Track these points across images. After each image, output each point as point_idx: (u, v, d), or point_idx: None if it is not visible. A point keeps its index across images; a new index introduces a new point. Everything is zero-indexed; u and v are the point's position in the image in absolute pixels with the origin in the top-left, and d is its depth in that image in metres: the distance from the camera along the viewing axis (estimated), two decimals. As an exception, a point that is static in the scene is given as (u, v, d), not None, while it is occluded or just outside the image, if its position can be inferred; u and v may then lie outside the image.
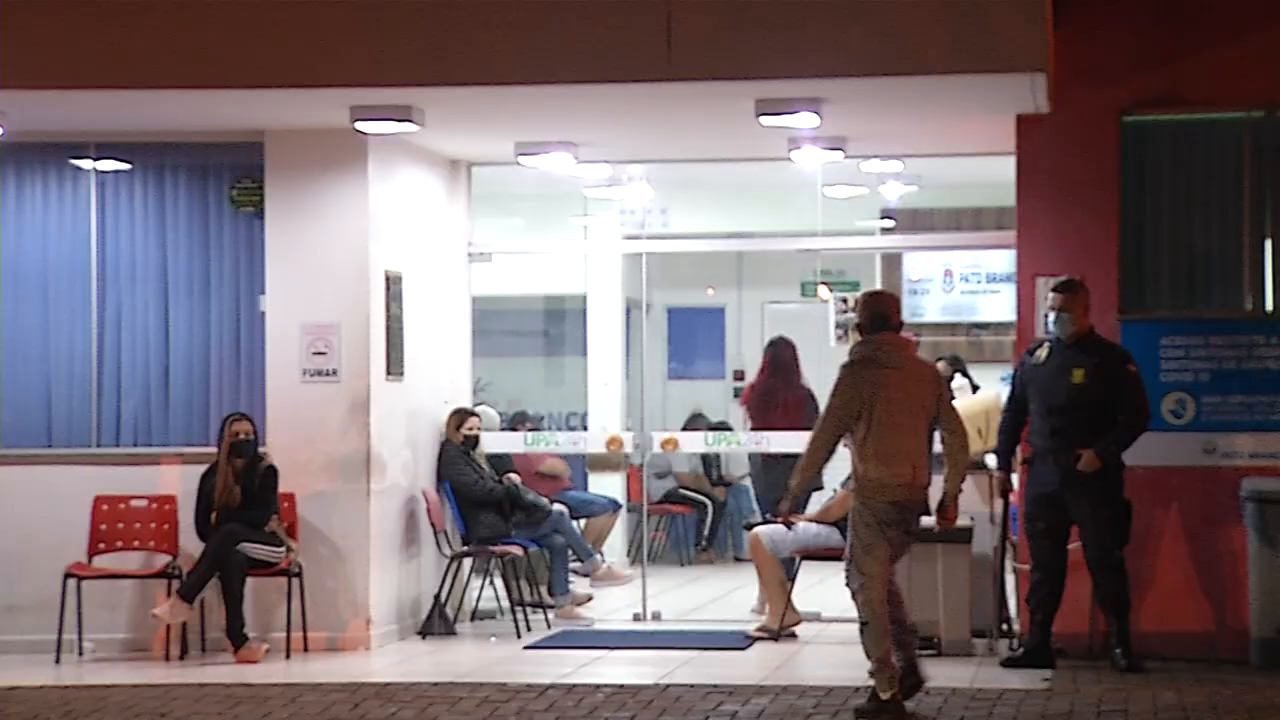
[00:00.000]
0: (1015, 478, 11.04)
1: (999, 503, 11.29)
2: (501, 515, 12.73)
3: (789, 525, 9.34)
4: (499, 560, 12.69)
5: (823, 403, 9.42)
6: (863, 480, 9.00)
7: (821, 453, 9.12)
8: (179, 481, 11.70)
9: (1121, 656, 10.49)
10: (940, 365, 14.95)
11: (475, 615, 13.15)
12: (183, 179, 12.11)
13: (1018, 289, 11.54)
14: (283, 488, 11.57)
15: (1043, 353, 10.75)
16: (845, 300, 13.54)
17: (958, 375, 14.04)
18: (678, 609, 13.21)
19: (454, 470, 12.56)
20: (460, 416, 12.73)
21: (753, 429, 13.47)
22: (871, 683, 8.98)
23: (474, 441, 12.75)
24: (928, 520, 9.29)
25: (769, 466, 13.45)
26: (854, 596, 9.03)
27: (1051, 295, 10.71)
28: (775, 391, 13.79)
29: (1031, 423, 10.76)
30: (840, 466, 12.65)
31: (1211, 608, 11.05)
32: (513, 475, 13.07)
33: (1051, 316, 10.70)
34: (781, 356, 13.92)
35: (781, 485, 13.12)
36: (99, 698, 9.85)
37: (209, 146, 11.96)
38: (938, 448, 9.15)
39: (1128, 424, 10.56)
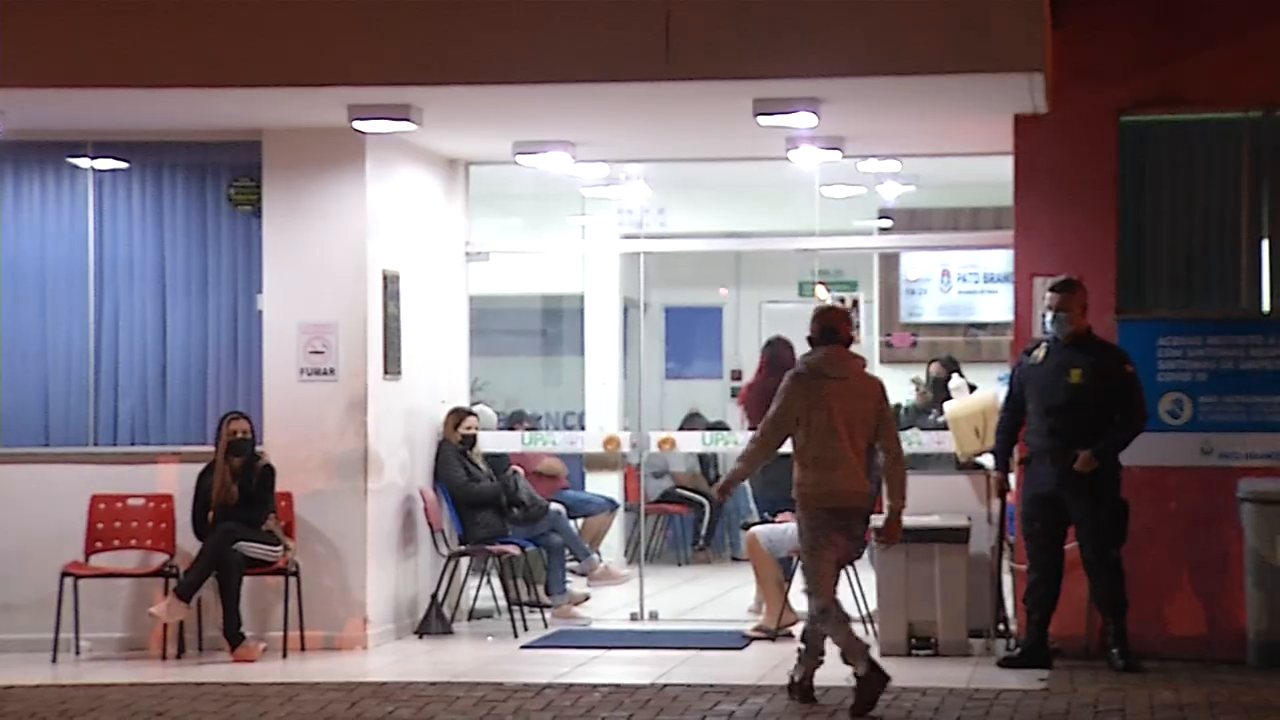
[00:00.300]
0: (1013, 478, 11.04)
1: (996, 503, 11.29)
2: (499, 514, 12.73)
3: (722, 500, 9.62)
4: (496, 560, 12.69)
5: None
6: (801, 487, 9.34)
7: (760, 456, 9.53)
8: (176, 480, 11.70)
9: (1119, 656, 10.49)
10: (935, 366, 15.00)
11: (472, 615, 13.15)
12: (181, 178, 12.11)
13: (1015, 289, 11.54)
14: (280, 487, 11.57)
15: (1040, 352, 10.75)
16: (843, 300, 13.54)
17: (954, 376, 14.03)
18: (675, 609, 13.20)
19: (448, 470, 12.56)
20: (458, 416, 12.73)
21: (750, 428, 13.46)
22: (855, 676, 9.17)
23: (471, 441, 12.75)
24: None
25: (766, 466, 13.43)
26: (807, 597, 9.37)
27: (1049, 295, 10.71)
28: (773, 391, 13.77)
29: (1029, 422, 10.76)
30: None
31: (1208, 608, 11.05)
32: (516, 468, 13.08)
33: (1049, 316, 10.71)
34: (780, 356, 13.90)
35: (780, 485, 13.16)
36: (96, 696, 9.85)
37: (207, 145, 11.96)
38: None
39: (1125, 424, 10.56)
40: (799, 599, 12.14)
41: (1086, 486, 10.49)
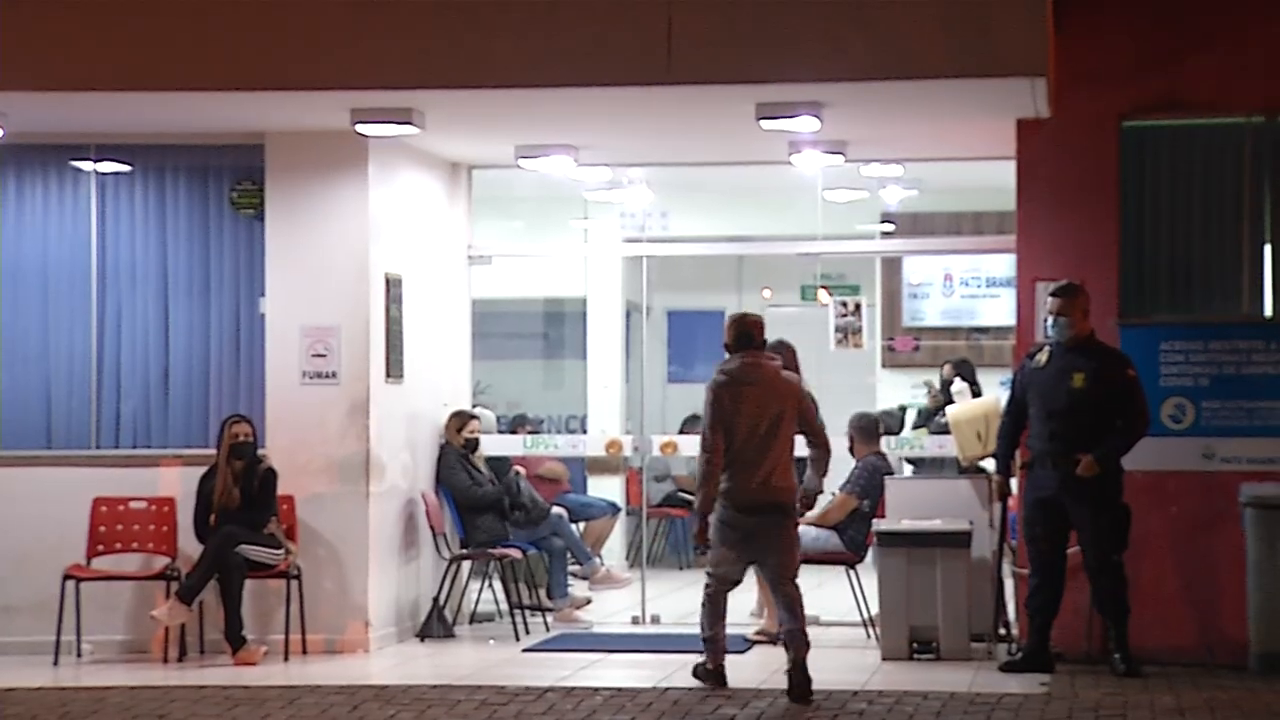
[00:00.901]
0: (1014, 482, 11.04)
1: (997, 507, 11.29)
2: (500, 518, 12.73)
3: (701, 545, 10.17)
4: (498, 563, 12.69)
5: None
6: (721, 488, 9.84)
7: (720, 467, 9.83)
8: (178, 483, 11.70)
9: (1120, 661, 10.49)
10: (946, 369, 14.96)
11: (474, 618, 13.16)
12: (183, 181, 12.11)
13: (1017, 293, 11.53)
14: (282, 490, 11.57)
15: (1043, 357, 10.75)
16: (845, 304, 13.54)
17: (958, 379, 14.03)
18: (677, 612, 13.19)
19: (450, 474, 12.56)
20: (461, 419, 12.73)
21: None
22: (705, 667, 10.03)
23: (474, 445, 12.76)
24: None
25: None
26: (707, 576, 10.10)
27: (1049, 300, 10.72)
28: None
29: (1031, 427, 10.75)
30: (840, 470, 12.73)
31: (1210, 613, 11.04)
32: (518, 468, 13.07)
33: (1049, 321, 10.71)
34: (783, 360, 13.90)
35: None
36: (97, 699, 9.85)
37: (209, 148, 11.97)
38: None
39: (1127, 429, 10.56)
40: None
41: (1088, 491, 10.49)
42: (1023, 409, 10.78)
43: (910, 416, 15.32)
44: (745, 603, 13.03)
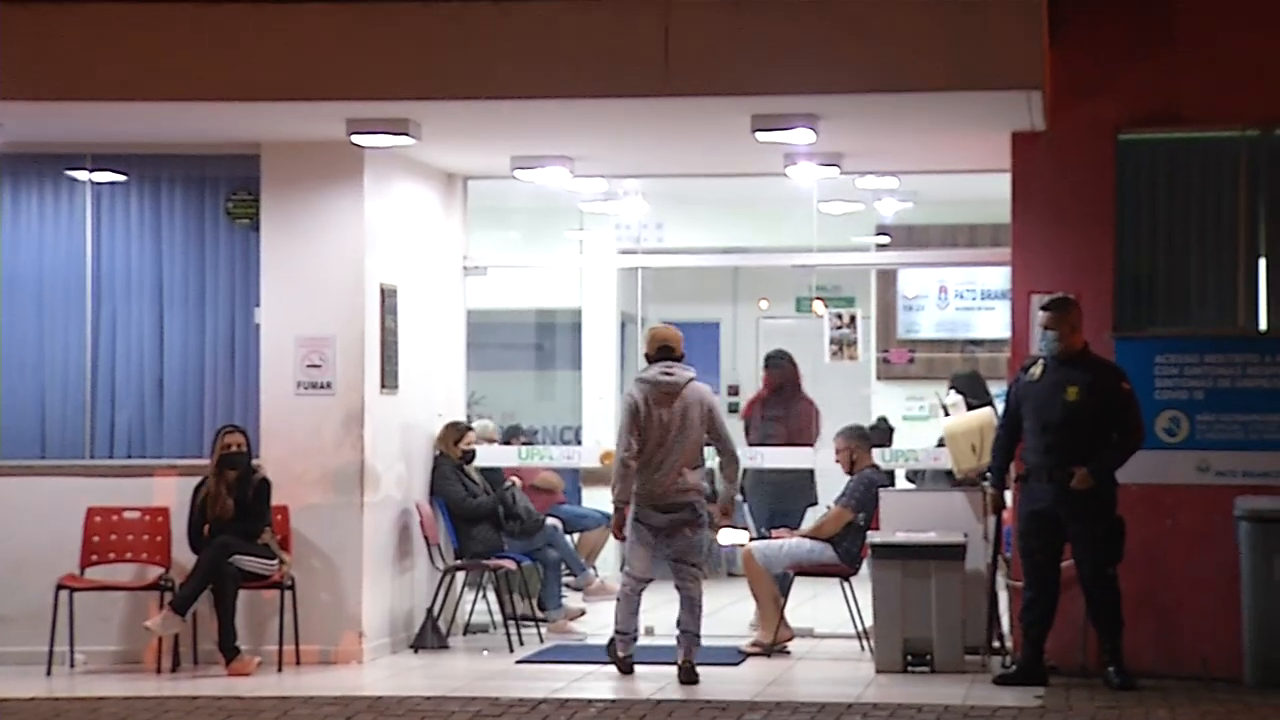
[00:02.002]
0: (1010, 495, 11.03)
1: (991, 519, 11.29)
2: (496, 528, 12.72)
3: (619, 538, 11.12)
4: (492, 574, 12.68)
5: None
6: (635, 489, 10.80)
7: (629, 466, 10.78)
8: (172, 493, 11.69)
9: (1114, 674, 10.48)
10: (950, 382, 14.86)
11: (468, 629, 13.14)
12: (179, 191, 12.11)
13: (1013, 306, 11.54)
14: (276, 500, 11.56)
15: (1037, 370, 10.75)
16: (840, 316, 13.53)
17: (953, 392, 14.01)
18: (670, 624, 13.13)
19: (445, 485, 12.55)
20: (458, 431, 12.72)
21: (754, 442, 13.48)
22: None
23: (471, 456, 12.76)
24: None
25: (770, 481, 13.46)
26: (621, 572, 11.15)
27: (1040, 314, 10.73)
28: (776, 405, 13.78)
29: (1026, 440, 10.75)
30: (835, 484, 12.73)
31: (1205, 626, 11.03)
32: (513, 479, 13.06)
33: (1040, 335, 10.72)
34: (785, 372, 13.90)
35: (780, 497, 13.18)
36: (90, 710, 9.84)
37: (205, 159, 11.96)
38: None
39: (1122, 442, 10.56)
40: (794, 615, 12.22)
41: (1083, 504, 10.49)
42: (1017, 422, 10.77)
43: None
44: (744, 614, 13.03)
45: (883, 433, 14.49)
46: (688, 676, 10.72)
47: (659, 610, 13.68)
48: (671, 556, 10.95)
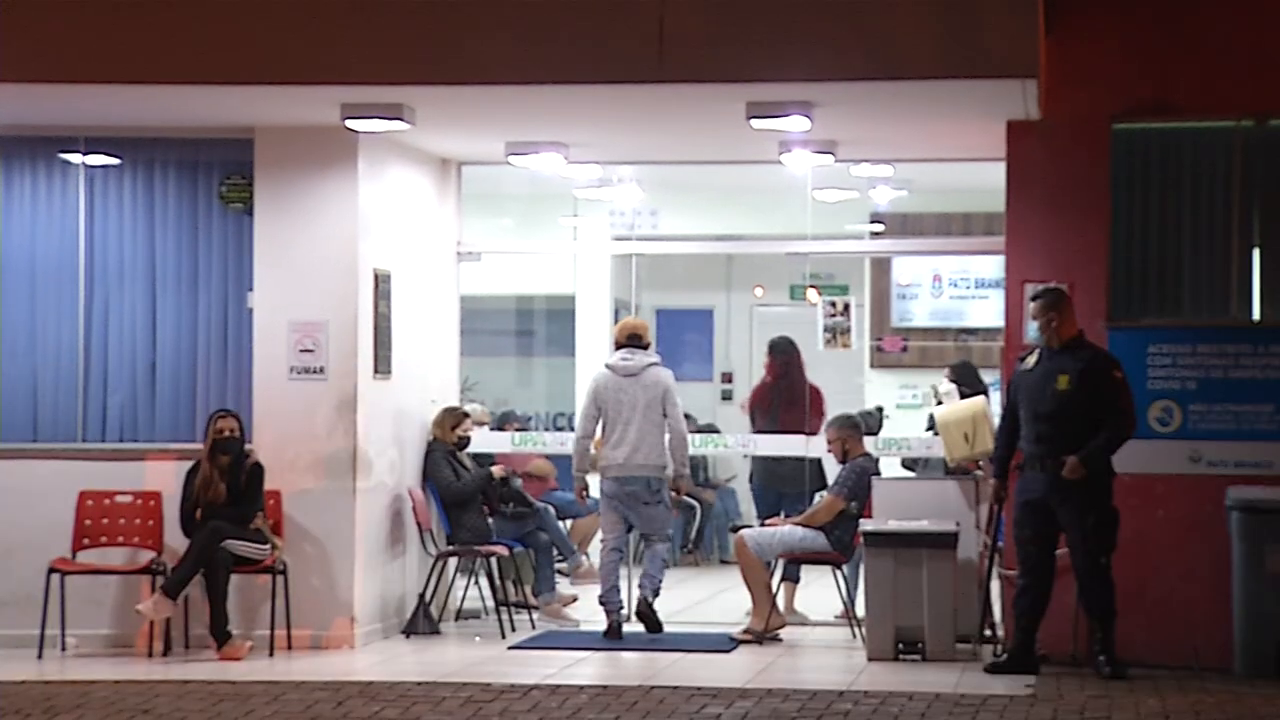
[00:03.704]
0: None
1: (984, 508, 11.29)
2: (491, 512, 12.72)
3: (583, 498, 12.39)
4: (484, 560, 12.68)
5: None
6: (602, 464, 11.94)
7: (583, 443, 12.11)
8: (164, 478, 11.68)
9: (1105, 664, 10.49)
10: (949, 373, 14.88)
11: (460, 615, 13.14)
12: (172, 175, 12.09)
13: (1006, 294, 11.54)
14: (269, 485, 11.55)
15: (1031, 360, 10.76)
16: (834, 304, 13.54)
17: (945, 381, 14.01)
18: (663, 610, 13.13)
19: (437, 470, 12.55)
20: (455, 417, 12.71)
21: (758, 430, 13.48)
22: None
23: (466, 442, 12.76)
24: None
25: (769, 466, 13.49)
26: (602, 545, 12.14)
27: (1031, 305, 10.75)
28: (782, 392, 13.80)
29: (1021, 430, 10.76)
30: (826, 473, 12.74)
31: (1196, 616, 11.04)
32: (500, 469, 13.03)
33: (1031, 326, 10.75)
34: (789, 357, 13.91)
35: (783, 478, 13.19)
36: (81, 693, 9.83)
37: (199, 142, 11.94)
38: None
39: (1112, 430, 10.55)
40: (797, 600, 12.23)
41: (1075, 493, 10.49)
42: (1016, 413, 10.78)
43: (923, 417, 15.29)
44: (731, 601, 13.05)
45: (874, 420, 14.49)
46: (643, 617, 11.88)
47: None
48: (640, 531, 12.07)
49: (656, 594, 11.98)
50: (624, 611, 12.01)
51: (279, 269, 11.77)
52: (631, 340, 12.03)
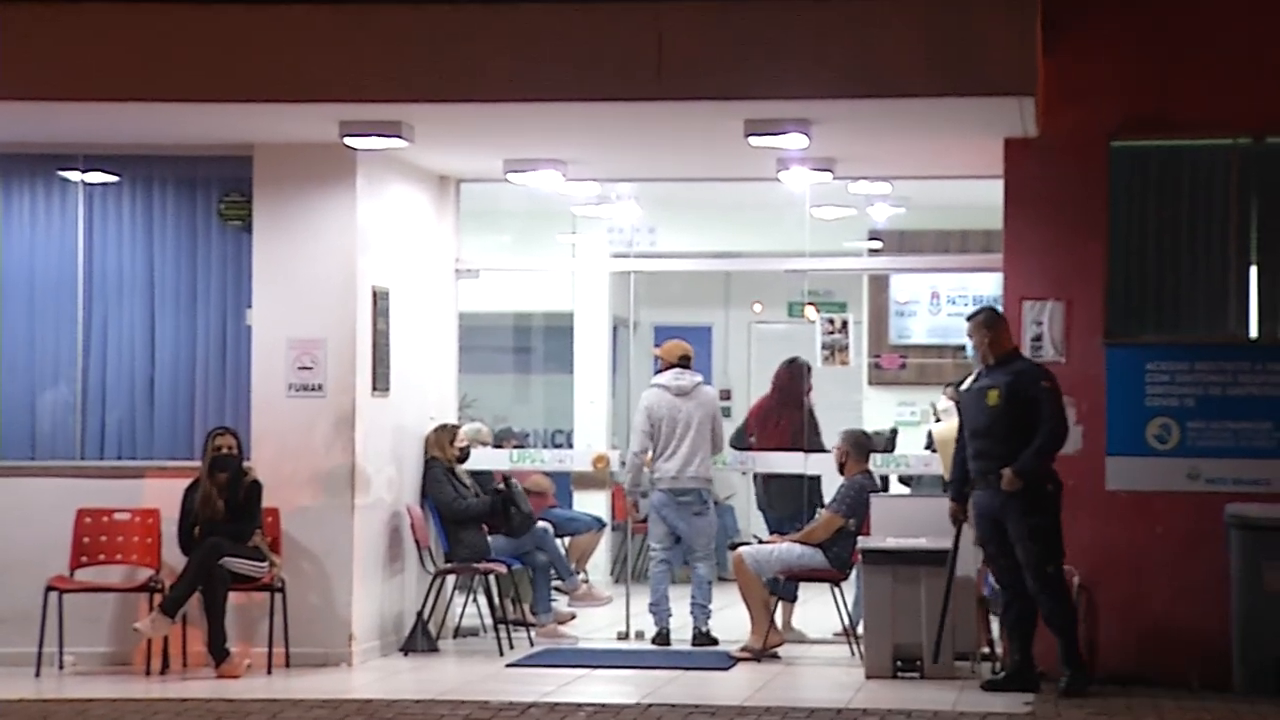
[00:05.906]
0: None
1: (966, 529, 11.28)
2: (490, 530, 12.71)
3: (632, 512, 13.17)
4: (482, 577, 12.67)
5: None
6: (654, 477, 12.49)
7: (639, 458, 12.56)
8: (162, 495, 11.67)
9: (1066, 679, 10.41)
10: (949, 390, 14.88)
11: (458, 632, 13.13)
12: (171, 192, 12.10)
13: (1004, 312, 11.53)
14: (267, 502, 11.54)
15: (970, 379, 10.81)
16: (832, 321, 13.55)
17: (943, 398, 14.01)
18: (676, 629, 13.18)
19: (436, 488, 12.55)
20: (450, 432, 12.71)
21: (761, 447, 13.47)
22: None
23: (466, 455, 12.77)
24: None
25: (779, 486, 13.48)
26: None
27: (966, 324, 10.83)
28: (781, 409, 13.79)
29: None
30: (826, 489, 12.74)
31: (1194, 633, 11.03)
32: (503, 481, 13.02)
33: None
34: (791, 373, 13.88)
35: (786, 498, 13.18)
36: (79, 711, 9.83)
37: (197, 160, 11.95)
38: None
39: (1043, 439, 10.48)
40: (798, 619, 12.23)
41: (1016, 505, 10.48)
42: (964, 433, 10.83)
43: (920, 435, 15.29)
44: (730, 618, 13.03)
45: (887, 442, 14.47)
46: (698, 642, 12.35)
47: (649, 614, 13.67)
48: (686, 545, 12.59)
49: (708, 618, 12.46)
50: (671, 619, 12.49)
51: (278, 286, 11.77)
52: (682, 361, 12.70)
